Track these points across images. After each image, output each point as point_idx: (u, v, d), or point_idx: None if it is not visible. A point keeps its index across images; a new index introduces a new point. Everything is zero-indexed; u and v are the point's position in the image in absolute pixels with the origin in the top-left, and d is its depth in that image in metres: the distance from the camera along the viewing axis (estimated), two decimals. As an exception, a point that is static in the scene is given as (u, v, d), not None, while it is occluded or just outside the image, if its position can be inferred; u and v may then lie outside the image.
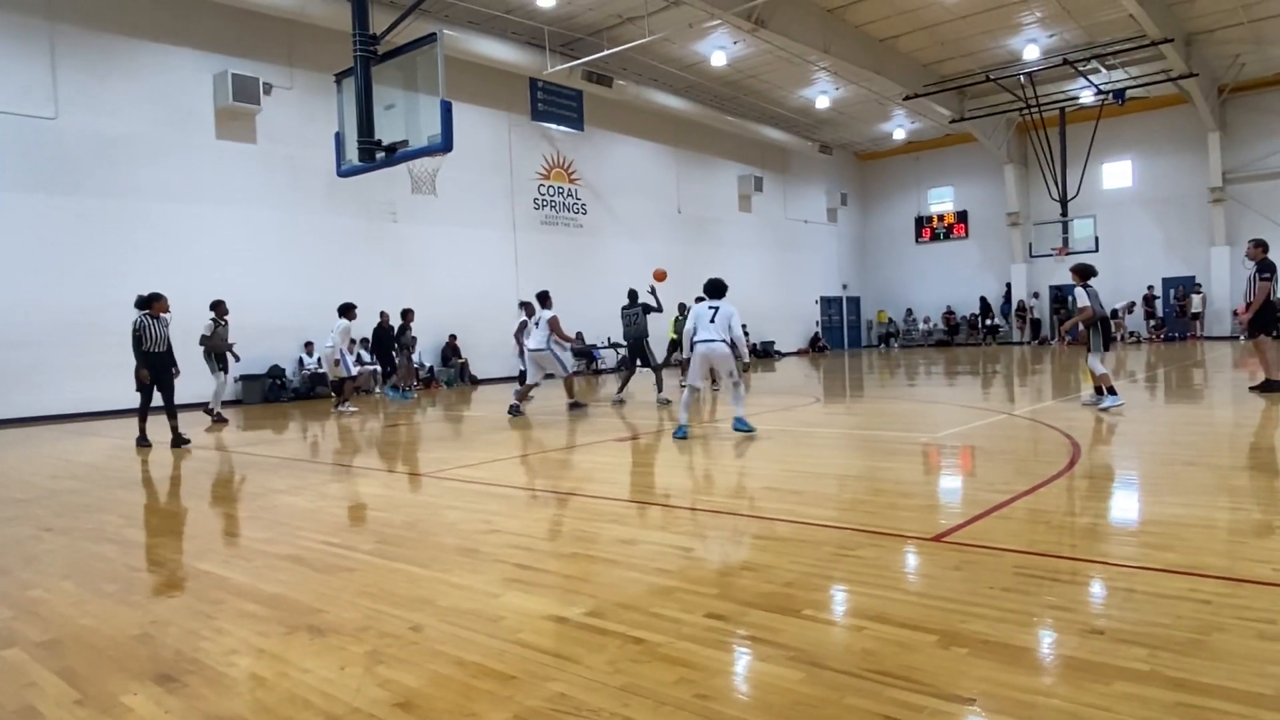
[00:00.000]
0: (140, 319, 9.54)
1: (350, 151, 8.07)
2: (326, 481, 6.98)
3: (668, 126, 24.46)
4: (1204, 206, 25.88)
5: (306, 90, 16.26)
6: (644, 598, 3.43)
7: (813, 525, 4.57)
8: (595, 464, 7.36)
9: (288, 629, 3.26)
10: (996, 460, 6.72)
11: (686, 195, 25.64)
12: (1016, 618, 3.02)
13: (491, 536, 4.62)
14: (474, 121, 18.95)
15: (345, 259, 16.92)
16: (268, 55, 15.99)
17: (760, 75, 22.92)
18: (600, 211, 22.93)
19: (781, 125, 27.25)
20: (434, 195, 9.35)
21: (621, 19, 18.34)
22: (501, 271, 20.25)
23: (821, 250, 31.47)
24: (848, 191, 32.45)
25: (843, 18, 19.25)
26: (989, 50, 21.95)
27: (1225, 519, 4.44)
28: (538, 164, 21.22)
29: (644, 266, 23.45)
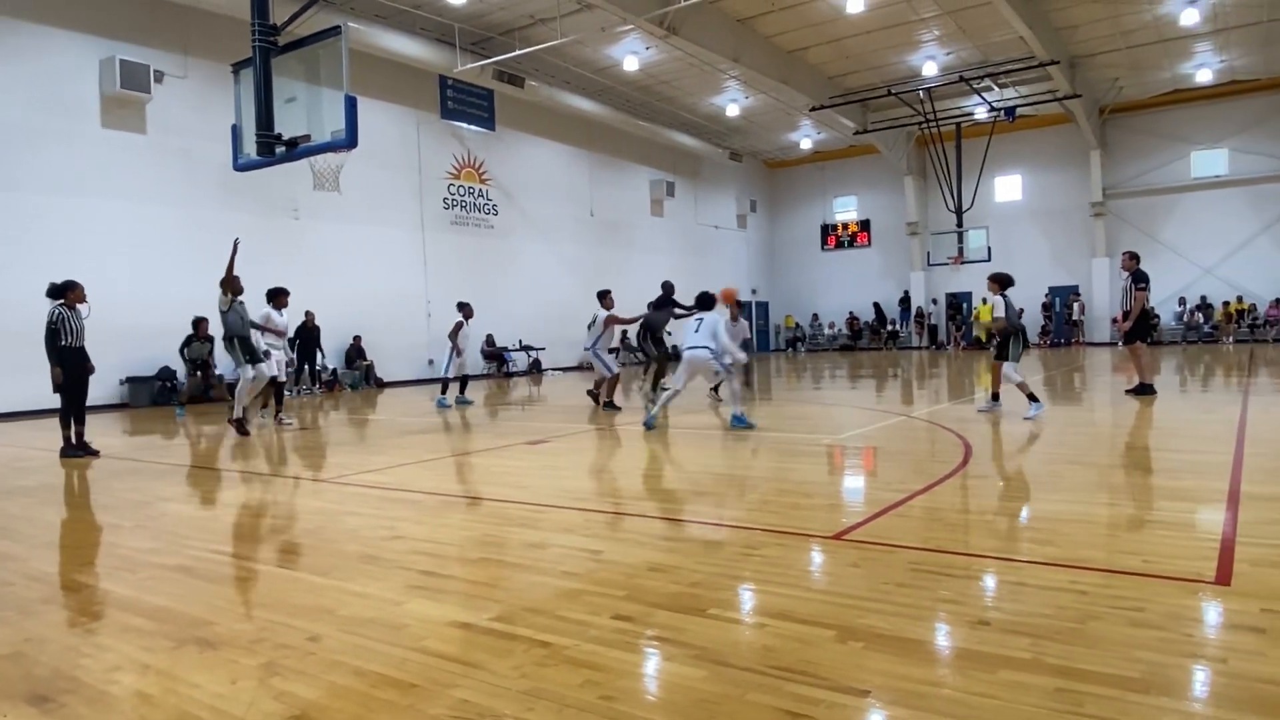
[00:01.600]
0: (56, 310, 8.54)
1: (248, 145, 7.75)
2: (221, 488, 6.69)
3: (580, 129, 24.44)
4: (1086, 220, 27.52)
5: (202, 80, 15.55)
6: (551, 601, 3.41)
7: (720, 526, 4.64)
8: (506, 467, 7.29)
9: (175, 643, 3.11)
10: (895, 460, 6.97)
11: (599, 198, 25.67)
12: (910, 611, 3.14)
13: (395, 543, 4.52)
14: (381, 118, 18.52)
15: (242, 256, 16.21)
16: (160, 42, 15.22)
17: (672, 81, 23.17)
18: (512, 212, 22.72)
19: (693, 131, 27.60)
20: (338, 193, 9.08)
21: (534, 20, 18.24)
22: (409, 272, 19.84)
23: (732, 255, 32.00)
24: (757, 198, 33.13)
25: (753, 28, 19.64)
26: (891, 65, 22.78)
27: (1103, 514, 4.73)
28: (447, 163, 20.88)
29: (556, 267, 23.46)
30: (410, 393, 17.14)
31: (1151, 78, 24.25)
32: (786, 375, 19.35)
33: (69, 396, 8.71)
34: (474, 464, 7.41)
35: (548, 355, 22.49)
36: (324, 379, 17.47)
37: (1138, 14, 19.43)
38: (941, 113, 24.36)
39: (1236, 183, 25.51)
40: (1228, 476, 5.45)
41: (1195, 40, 21.25)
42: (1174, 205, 26.53)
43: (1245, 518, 4.36)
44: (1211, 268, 25.94)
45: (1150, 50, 21.86)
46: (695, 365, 8.99)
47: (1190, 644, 2.76)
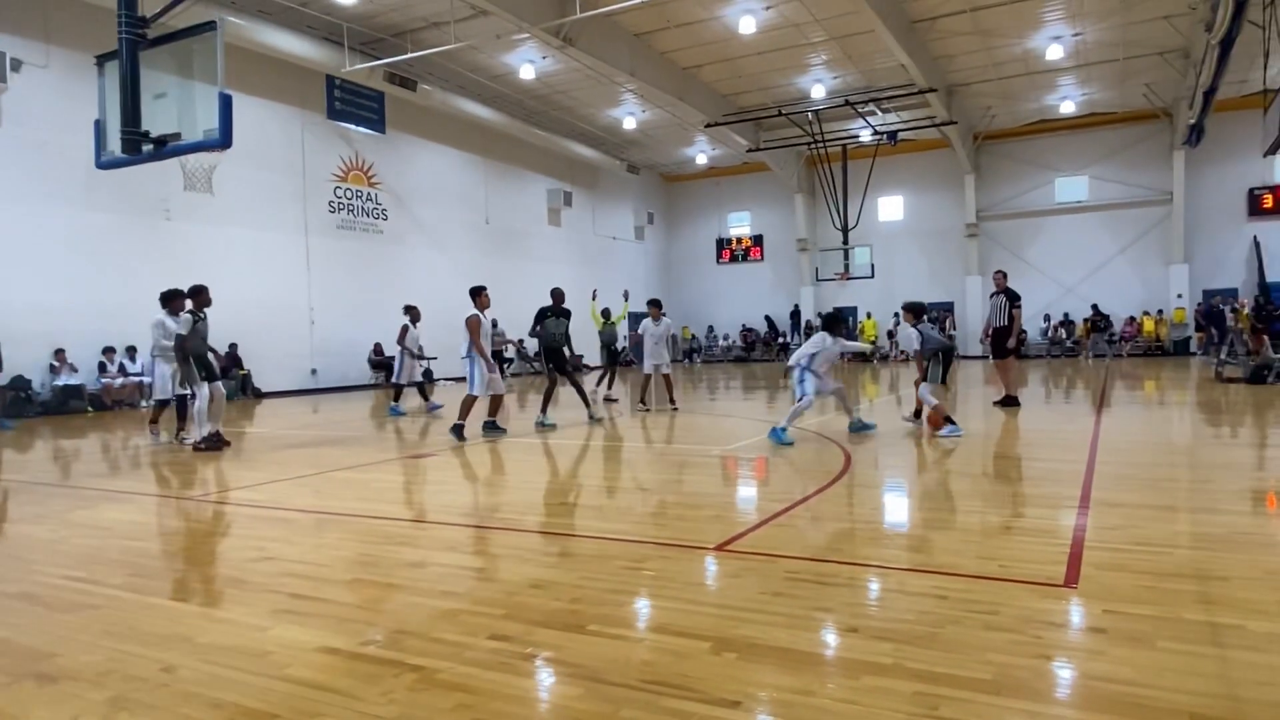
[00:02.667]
0: None
1: (112, 142, 7.29)
2: (74, 508, 6.23)
3: (476, 135, 24.13)
4: (961, 240, 29.06)
5: (64, 70, 14.54)
6: (427, 623, 3.33)
7: (606, 539, 4.64)
8: (388, 483, 7.08)
9: (11, 678, 2.87)
10: (779, 471, 7.14)
11: (495, 206, 25.39)
12: (785, 621, 3.21)
13: (263, 564, 4.31)
14: (262, 117, 17.78)
15: (108, 259, 15.25)
16: (17, 28, 14.16)
17: (570, 91, 23.19)
18: (403, 218, 22.19)
19: (590, 142, 27.68)
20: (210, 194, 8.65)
21: (427, 23, 17.91)
22: (291, 277, 19.05)
23: (629, 267, 32.20)
24: (654, 211, 33.50)
25: (649, 43, 19.89)
26: (782, 86, 23.48)
27: (971, 521, 4.97)
28: (334, 165, 20.20)
29: (450, 275, 23.04)
30: (290, 404, 16.45)
31: (1021, 107, 25.90)
32: (682, 386, 19.58)
33: None
34: (355, 479, 7.17)
35: (439, 365, 21.98)
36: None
37: (1008, 47, 20.71)
38: (829, 134, 25.27)
39: (1095, 208, 27.49)
40: (1081, 484, 5.83)
41: (1059, 74, 22.82)
42: (1040, 227, 28.35)
43: (1094, 523, 4.67)
44: (1073, 286, 27.81)
45: (1019, 82, 23.33)
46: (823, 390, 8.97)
47: (1039, 645, 2.93)
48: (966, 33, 19.73)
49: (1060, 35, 19.79)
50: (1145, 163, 26.59)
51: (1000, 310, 11.68)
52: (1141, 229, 26.98)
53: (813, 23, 18.81)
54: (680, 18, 18.43)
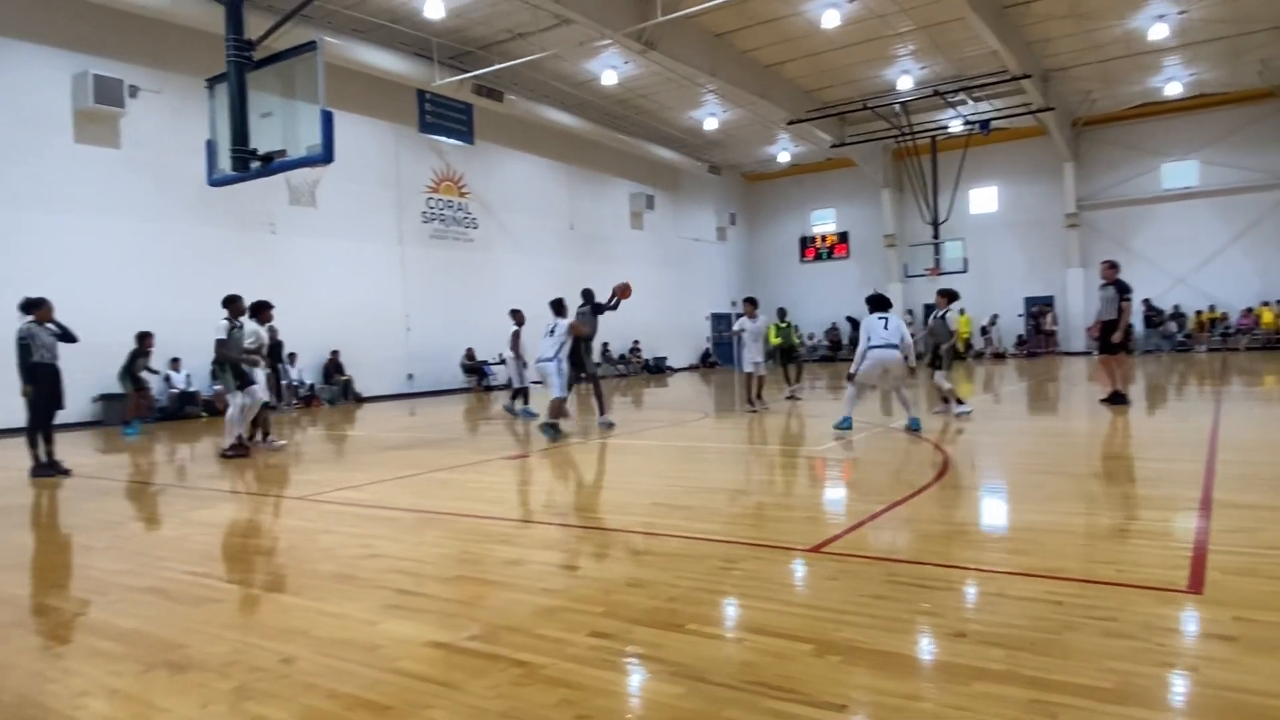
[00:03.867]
0: (25, 326, 8.42)
1: (223, 160, 7.70)
2: (194, 507, 6.59)
3: (559, 142, 24.48)
4: (1060, 231, 27.86)
5: (177, 94, 15.43)
6: (529, 619, 3.39)
7: (699, 539, 4.64)
8: (484, 483, 7.24)
9: (145, 666, 3.05)
10: (873, 472, 7.00)
11: (578, 211, 25.70)
12: (887, 624, 3.15)
13: (371, 561, 4.47)
14: (358, 132, 18.46)
15: (218, 272, 16.05)
16: (135, 56, 15.11)
17: (651, 95, 23.28)
18: (491, 226, 22.70)
19: (672, 145, 27.73)
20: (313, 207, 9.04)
21: (512, 34, 18.27)
22: (388, 286, 19.74)
23: (711, 268, 32.12)
24: (736, 211, 33.30)
25: (730, 43, 19.80)
26: (867, 79, 23.01)
27: (1079, 524, 4.76)
28: (426, 177, 20.83)
29: (536, 281, 23.43)
30: (389, 407, 17.01)
31: (1123, 91, 24.67)
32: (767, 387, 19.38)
33: (38, 415, 8.57)
34: (452, 480, 7.36)
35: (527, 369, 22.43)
36: (301, 394, 17.32)
37: (1108, 29, 19.77)
38: (917, 126, 24.65)
39: (1206, 194, 25.96)
40: (1200, 485, 5.52)
41: (1164, 54, 21.65)
42: (1146, 216, 26.94)
43: (1217, 526, 4.41)
44: (1183, 277, 26.34)
45: (1121, 64, 22.23)
46: (887, 364, 8.93)
47: (1163, 653, 2.78)
48: (1063, 15, 18.93)
49: (1164, 13, 18.76)
50: (1260, 145, 24.95)
51: (1109, 303, 11.11)
52: (1256, 215, 25.34)
53: (899, 13, 18.38)
54: (761, 15, 18.28)
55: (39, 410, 8.55)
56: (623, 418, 12.40)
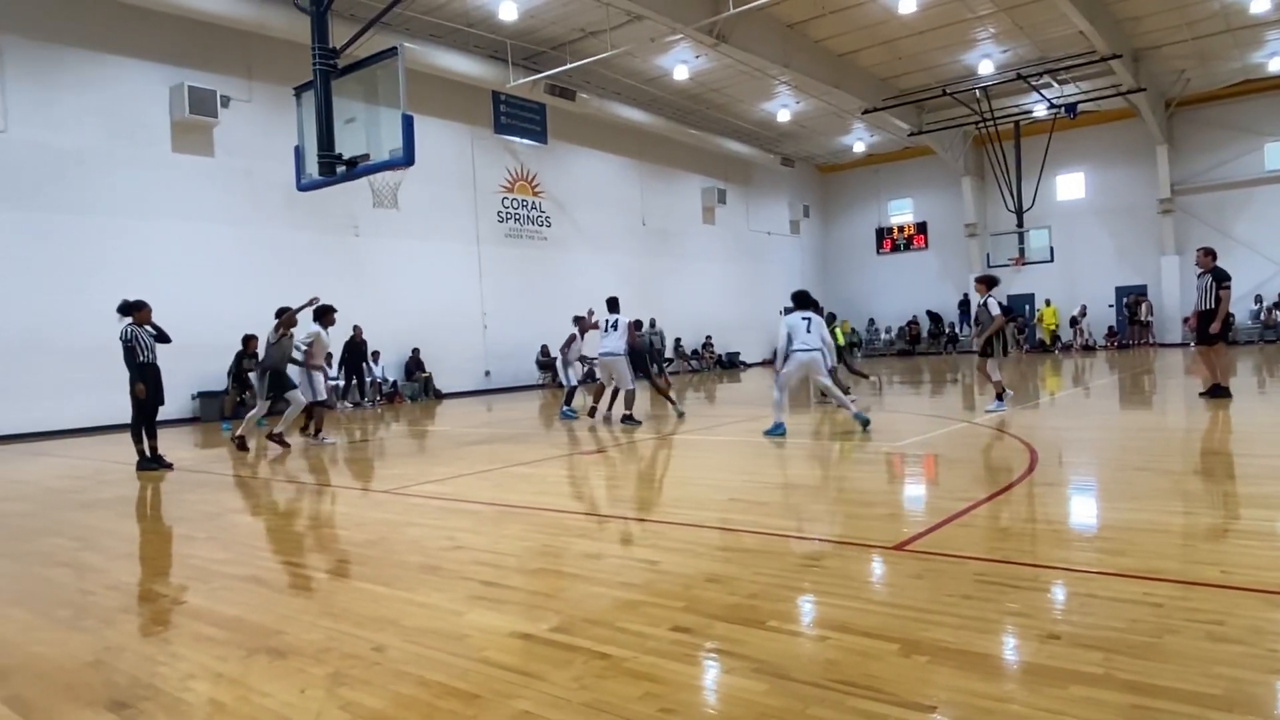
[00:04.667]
0: (127, 328, 8.85)
1: (310, 165, 7.99)
2: (288, 500, 6.87)
3: (631, 139, 24.56)
4: (1154, 217, 26.60)
5: (265, 103, 16.07)
6: (610, 612, 3.42)
7: (778, 536, 4.60)
8: (562, 478, 7.34)
9: (247, 652, 3.20)
10: (957, 468, 6.82)
11: (650, 207, 25.75)
12: (976, 624, 3.07)
13: (455, 553, 4.59)
14: (436, 135, 18.87)
15: (305, 273, 16.69)
16: (226, 67, 15.79)
17: (722, 89, 23.15)
18: (564, 224, 22.94)
19: (744, 138, 27.52)
20: (396, 209, 9.30)
21: (584, 33, 18.41)
22: (465, 285, 20.16)
23: (785, 262, 31.77)
24: (810, 203, 32.84)
25: (803, 33, 19.53)
26: (945, 65, 22.40)
27: (1177, 523, 4.55)
28: (501, 177, 21.18)
29: (609, 278, 23.59)
30: (467, 403, 17.39)
31: (1220, 68, 23.36)
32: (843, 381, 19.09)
33: (143, 412, 9.04)
34: (531, 474, 7.48)
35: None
36: (384, 391, 17.84)
37: (1204, 3, 18.78)
38: (999, 111, 23.87)
39: (1315, 174, 24.43)
40: (1313, 483, 5.20)
41: (1267, 28, 20.42)
42: (1247, 200, 25.48)
43: (1333, 526, 4.16)
44: (1289, 263, 24.87)
45: (1219, 40, 21.08)
46: (810, 366, 8.92)
47: (1276, 659, 2.64)
48: (1156, -9, 18.07)
49: (1270, -16, 17.73)
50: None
51: (1207, 292, 10.55)
52: (1374, 195, 23.72)
53: (978, -5, 17.84)
54: (835, 3, 17.98)
55: (143, 408, 9.01)
56: (697, 413, 12.39)
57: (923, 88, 23.55)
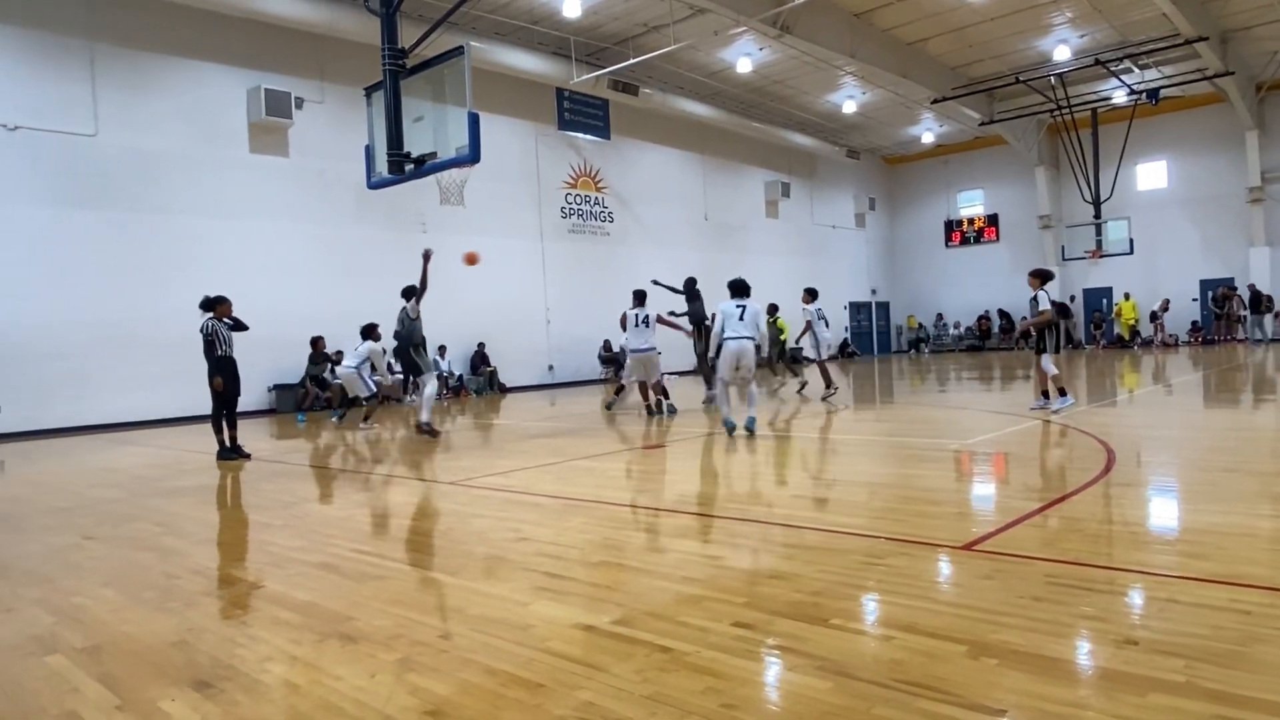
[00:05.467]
0: (208, 323, 9.27)
1: (380, 164, 8.19)
2: (357, 489, 7.07)
3: (694, 133, 24.48)
4: (1242, 206, 25.35)
5: (337, 104, 16.50)
6: (671, 606, 3.43)
7: (841, 533, 4.55)
8: (623, 472, 7.37)
9: (320, 636, 3.30)
10: (1029, 467, 6.63)
11: (713, 202, 25.63)
12: (1048, 628, 2.98)
13: (520, 545, 4.65)
14: (501, 132, 19.11)
15: (374, 270, 17.10)
16: (299, 70, 16.26)
17: (786, 80, 22.89)
18: (627, 219, 23.01)
19: (808, 130, 27.16)
20: (462, 206, 9.46)
21: (646, 27, 18.41)
22: (529, 280, 20.38)
23: (850, 255, 31.28)
24: (876, 196, 32.24)
25: (869, 22, 19.17)
26: (1019, 52, 21.73)
27: (1267, 527, 4.35)
28: (564, 173, 21.35)
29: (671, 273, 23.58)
30: (531, 397, 17.60)
31: (1317, 48, 22.14)
32: (910, 377, 18.75)
33: (222, 403, 9.40)
34: (593, 468, 7.54)
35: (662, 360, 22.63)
36: (450, 385, 18.18)
37: (1300, -20, 17.82)
38: (1076, 98, 23.05)
39: None
40: None
41: (1370, 4, 19.28)
42: (1347, 187, 24.09)
43: None
44: (1394, 254, 23.44)
45: (1316, 18, 19.97)
46: (741, 356, 8.66)
47: (1375, 673, 2.50)
48: (1246, -32, 17.20)
49: (1374, -43, 16.72)
50: None
51: None
52: None
53: (1054, -21, 17.24)
54: (903, -9, 17.60)
55: (222, 399, 9.37)
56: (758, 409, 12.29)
57: (994, 75, 22.89)
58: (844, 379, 19.51)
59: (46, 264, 13.32)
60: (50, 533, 5.72)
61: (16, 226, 13.08)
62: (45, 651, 3.29)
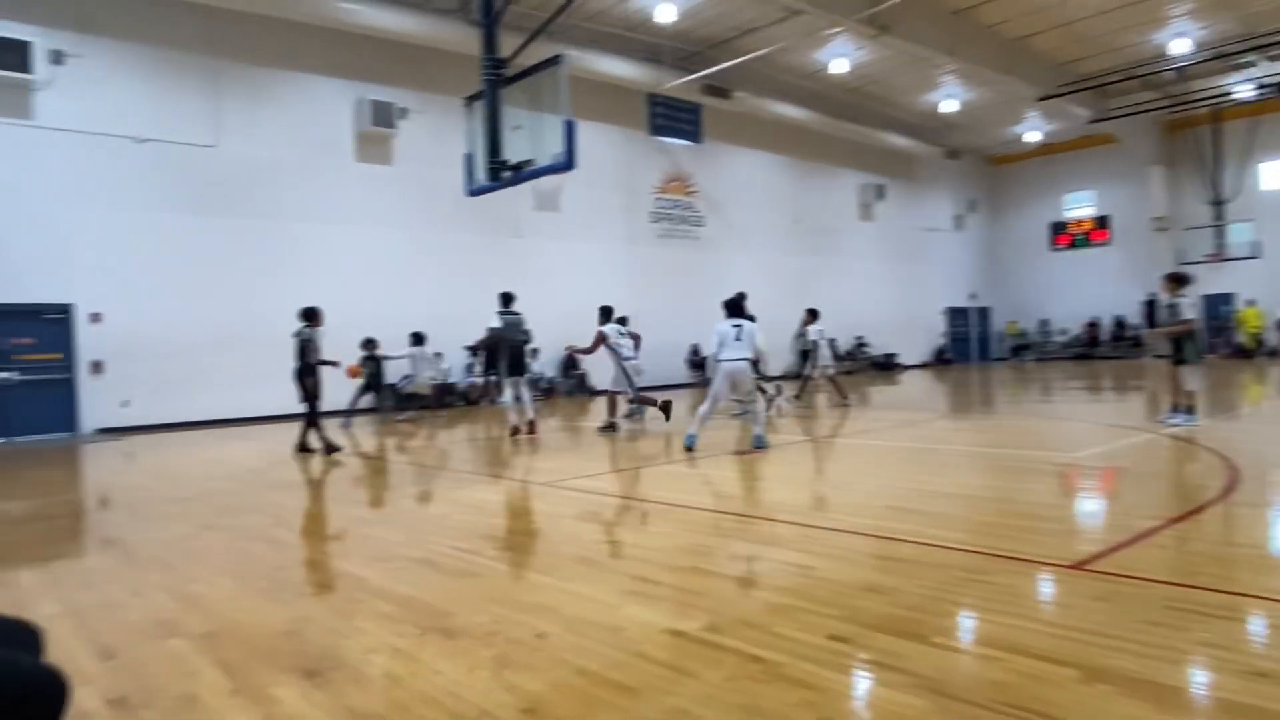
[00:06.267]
0: (305, 330, 9.92)
1: (479, 171, 8.41)
2: (454, 488, 7.26)
3: (786, 136, 24.20)
4: (1386, 206, 23.42)
5: (438, 113, 17.01)
6: (763, 615, 3.40)
7: (940, 547, 4.41)
8: (712, 476, 7.34)
9: (421, 630, 3.41)
10: (1143, 483, 6.29)
11: (805, 205, 25.28)
12: (1168, 655, 2.82)
13: (609, 547, 4.70)
14: (594, 138, 19.29)
15: (471, 274, 17.57)
16: (403, 81, 16.85)
17: (883, 80, 22.39)
18: (717, 223, 22.92)
19: (905, 131, 26.49)
20: (556, 211, 9.61)
21: (740, 31, 18.32)
22: (618, 284, 20.50)
23: (948, 259, 30.32)
24: (977, 197, 31.16)
25: (970, 19, 18.56)
26: (1132, 46, 20.66)
27: None
28: (655, 178, 21.42)
29: (760, 277, 23.41)
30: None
31: None
32: (1011, 386, 18.04)
33: (316, 403, 9.89)
34: (681, 472, 7.53)
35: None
36: (541, 386, 18.47)
37: None
38: (1195, 94, 21.78)
39: None
40: None
41: None
42: None
43: None
44: None
45: None
46: (735, 377, 8.54)
47: None
48: (1393, -51, 15.91)
49: None
50: None
51: None
52: None
53: (1174, -32, 16.33)
54: (1007, -14, 16.98)
55: (315, 401, 9.88)
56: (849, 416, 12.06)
57: (1106, 71, 21.83)
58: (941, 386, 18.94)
59: (170, 267, 14.19)
60: (172, 521, 6.08)
61: (144, 232, 13.98)
62: (167, 635, 3.50)
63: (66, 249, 13.29)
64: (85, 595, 4.14)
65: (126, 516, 6.49)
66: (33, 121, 13.02)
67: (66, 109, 13.26)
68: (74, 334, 13.41)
